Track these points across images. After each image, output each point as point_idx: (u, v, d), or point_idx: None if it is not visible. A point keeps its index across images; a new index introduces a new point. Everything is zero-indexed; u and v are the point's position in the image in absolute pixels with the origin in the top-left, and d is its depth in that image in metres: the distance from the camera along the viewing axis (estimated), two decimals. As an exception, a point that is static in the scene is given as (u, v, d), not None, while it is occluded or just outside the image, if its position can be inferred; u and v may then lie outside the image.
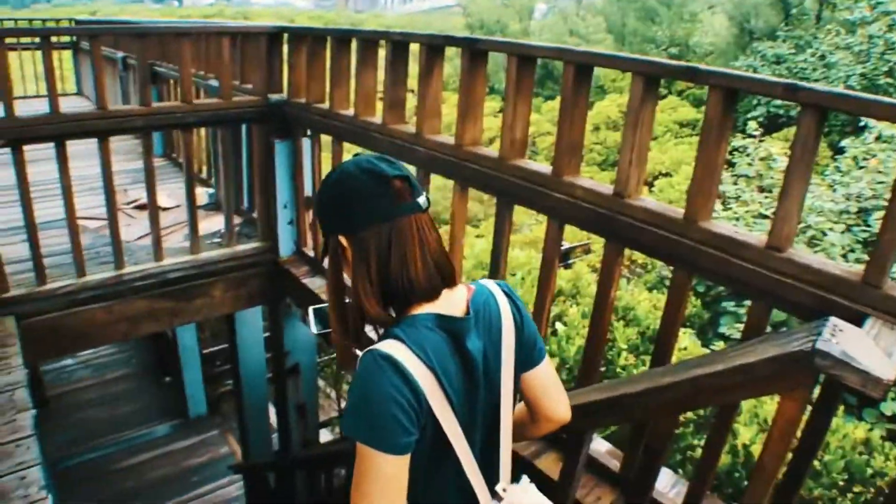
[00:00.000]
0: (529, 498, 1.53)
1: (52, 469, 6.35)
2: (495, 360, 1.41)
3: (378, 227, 1.29)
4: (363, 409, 1.26)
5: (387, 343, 1.28)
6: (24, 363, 3.03)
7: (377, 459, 1.24)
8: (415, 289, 1.32)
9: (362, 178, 1.30)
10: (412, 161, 2.95)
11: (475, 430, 1.41)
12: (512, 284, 4.14)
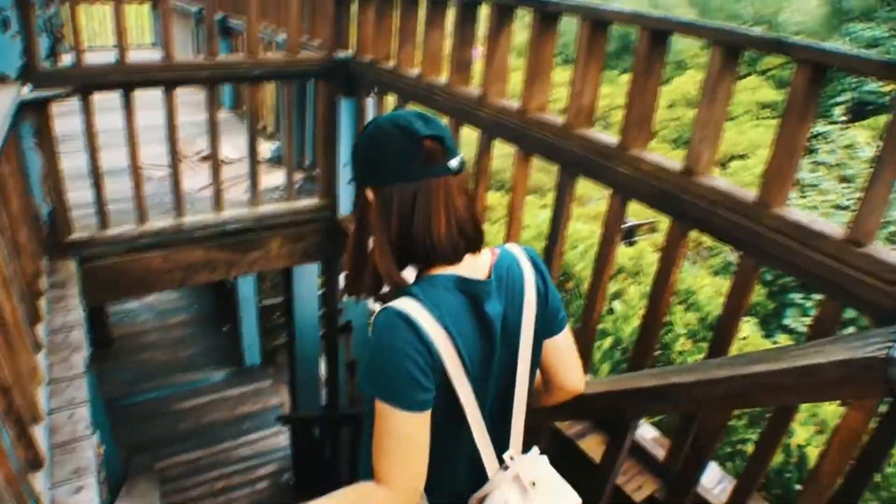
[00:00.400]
0: (538, 470, 1.49)
1: (112, 405, 6.61)
2: (515, 326, 1.39)
3: (404, 185, 1.28)
4: (380, 366, 1.26)
5: (402, 301, 1.26)
6: (82, 304, 3.10)
7: (396, 416, 1.24)
8: (437, 250, 1.29)
9: (395, 135, 1.27)
10: (475, 124, 2.87)
11: (487, 394, 1.39)
12: (572, 258, 4.07)
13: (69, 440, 2.26)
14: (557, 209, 2.54)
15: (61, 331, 2.82)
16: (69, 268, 3.35)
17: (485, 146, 2.88)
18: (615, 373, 3.38)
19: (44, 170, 3.23)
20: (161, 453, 6.16)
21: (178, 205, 3.82)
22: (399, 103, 3.47)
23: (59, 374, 2.56)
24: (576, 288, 3.96)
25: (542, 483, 1.48)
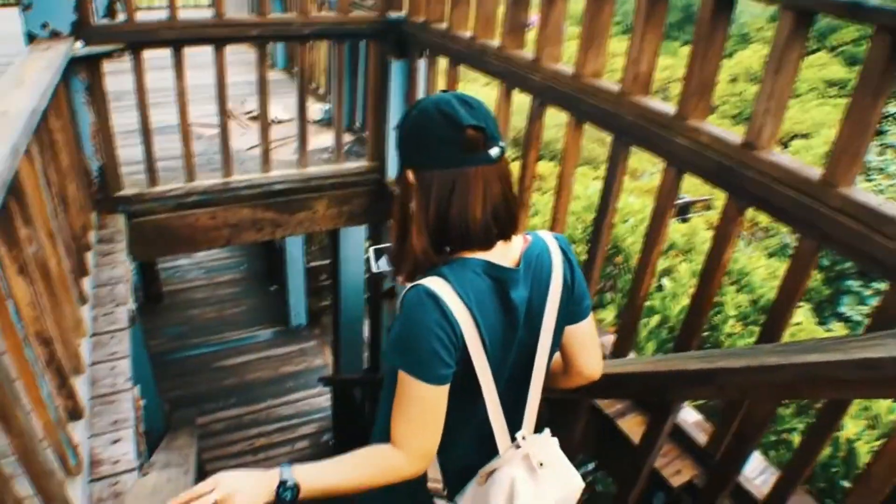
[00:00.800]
0: (548, 451, 1.55)
1: (160, 360, 6.78)
2: (538, 311, 1.44)
3: (444, 171, 1.31)
4: (406, 341, 1.32)
5: (431, 279, 1.31)
6: (129, 259, 3.14)
7: (419, 388, 1.31)
8: (470, 236, 1.34)
9: (438, 121, 1.29)
10: (527, 89, 2.77)
11: (504, 376, 1.45)
12: (623, 231, 3.96)
13: (109, 392, 2.29)
14: (609, 179, 2.44)
15: (107, 284, 2.86)
16: (118, 223, 3.39)
17: (536, 112, 2.79)
18: (661, 352, 3.29)
19: (94, 126, 3.25)
20: (205, 408, 6.32)
21: (227, 163, 3.82)
22: (451, 66, 3.38)
23: (103, 328, 2.59)
24: (625, 262, 3.86)
25: (550, 465, 1.53)
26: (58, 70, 2.51)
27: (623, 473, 2.28)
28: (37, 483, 1.53)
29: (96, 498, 1.88)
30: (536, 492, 1.48)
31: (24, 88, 2.05)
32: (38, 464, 1.51)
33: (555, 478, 1.54)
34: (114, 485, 1.93)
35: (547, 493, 1.50)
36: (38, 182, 2.08)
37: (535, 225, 4.36)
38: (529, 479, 1.48)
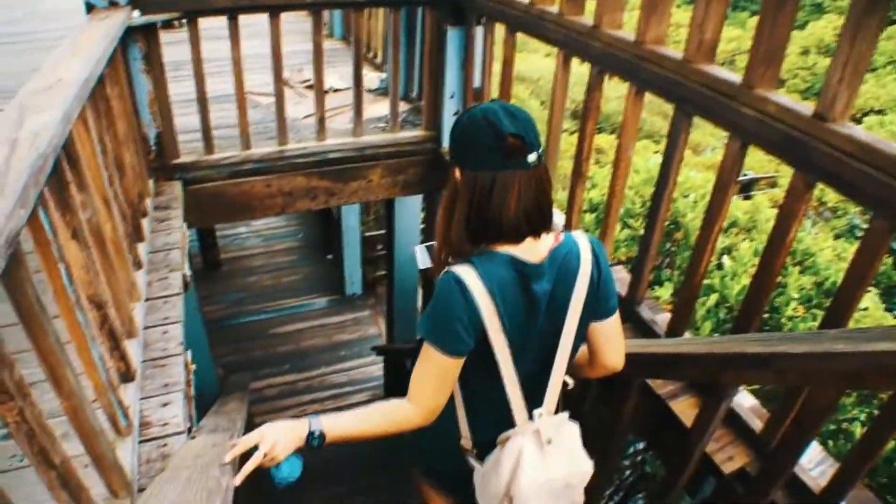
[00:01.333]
0: (560, 431, 1.71)
1: (217, 325, 6.94)
2: (562, 305, 1.59)
3: (485, 172, 1.47)
4: (434, 317, 1.53)
5: (462, 268, 1.50)
6: (185, 226, 3.18)
7: (436, 356, 1.53)
8: (502, 231, 1.51)
9: (483, 128, 1.45)
10: (586, 56, 2.68)
11: (526, 358, 1.62)
12: (682, 206, 3.83)
13: (161, 356, 2.33)
14: (669, 150, 2.34)
15: (162, 250, 2.90)
16: (174, 190, 3.44)
17: (595, 81, 2.69)
18: (718, 333, 3.17)
19: (151, 94, 3.29)
20: (260, 374, 6.45)
21: (282, 132, 3.83)
22: (508, 33, 3.30)
23: (157, 293, 2.63)
24: (684, 239, 3.73)
25: (559, 444, 1.70)
26: (114, 39, 2.53)
27: (673, 456, 2.22)
28: (86, 442, 1.56)
29: (145, 459, 1.92)
30: (541, 465, 1.66)
31: (79, 57, 2.07)
32: (88, 424, 1.54)
33: (562, 456, 1.70)
34: (162, 446, 1.96)
35: (551, 469, 1.67)
36: (93, 148, 2.10)
37: (592, 198, 4.27)
38: (537, 452, 1.67)
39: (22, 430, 1.21)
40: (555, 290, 1.57)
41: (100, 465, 1.62)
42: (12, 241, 1.17)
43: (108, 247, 2.10)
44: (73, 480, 1.37)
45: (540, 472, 1.66)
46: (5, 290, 1.23)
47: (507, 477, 1.67)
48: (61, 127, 1.60)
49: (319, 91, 3.79)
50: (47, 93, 1.74)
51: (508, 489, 1.67)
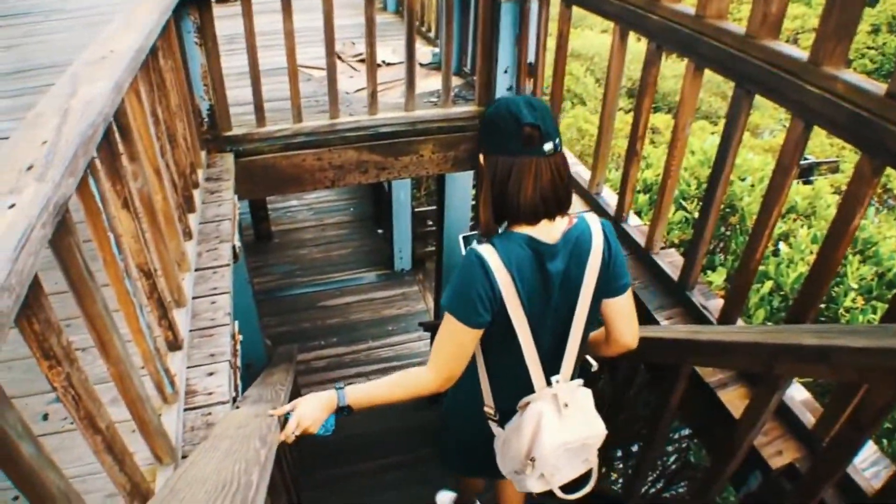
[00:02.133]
0: (575, 396, 1.85)
1: (267, 296, 7.04)
2: (575, 282, 1.72)
3: (505, 157, 1.62)
4: (456, 290, 1.67)
5: (484, 247, 1.64)
6: (236, 198, 3.21)
7: (457, 327, 1.67)
8: (520, 213, 1.65)
9: (505, 118, 1.60)
10: (643, 31, 2.59)
11: (544, 331, 1.77)
12: (739, 190, 3.71)
13: (208, 326, 2.36)
14: (728, 130, 2.26)
15: (213, 221, 2.94)
16: (226, 162, 3.48)
17: (653, 56, 2.61)
18: (771, 322, 3.07)
19: (205, 67, 3.31)
20: (308, 345, 6.53)
21: (334, 105, 3.83)
22: (564, 6, 3.22)
23: (206, 263, 2.67)
24: (740, 223, 3.62)
25: (575, 407, 1.84)
26: (167, 10, 2.54)
27: (719, 447, 2.16)
28: (132, 408, 1.59)
29: (189, 426, 1.95)
30: (560, 426, 1.80)
31: (133, 29, 2.08)
32: (134, 390, 1.56)
33: (578, 419, 1.84)
34: (206, 415, 1.99)
35: (569, 430, 1.81)
36: (145, 119, 2.12)
37: (646, 178, 4.16)
38: (556, 415, 1.81)
39: (69, 394, 1.23)
40: (568, 268, 1.70)
41: (145, 431, 1.65)
42: (61, 209, 1.18)
43: (159, 217, 2.13)
44: (118, 445, 1.39)
45: (559, 433, 1.80)
46: (55, 257, 1.25)
47: (529, 438, 1.80)
48: (112, 97, 1.62)
49: (372, 65, 3.76)
50: (100, 63, 1.76)
51: (530, 450, 1.81)
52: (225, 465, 1.12)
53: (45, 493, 1.05)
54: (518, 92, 4.02)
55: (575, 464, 1.91)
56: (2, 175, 1.17)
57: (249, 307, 3.92)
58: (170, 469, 1.76)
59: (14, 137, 1.34)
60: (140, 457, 1.62)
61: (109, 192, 1.69)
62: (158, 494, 1.06)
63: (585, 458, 1.92)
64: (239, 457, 1.18)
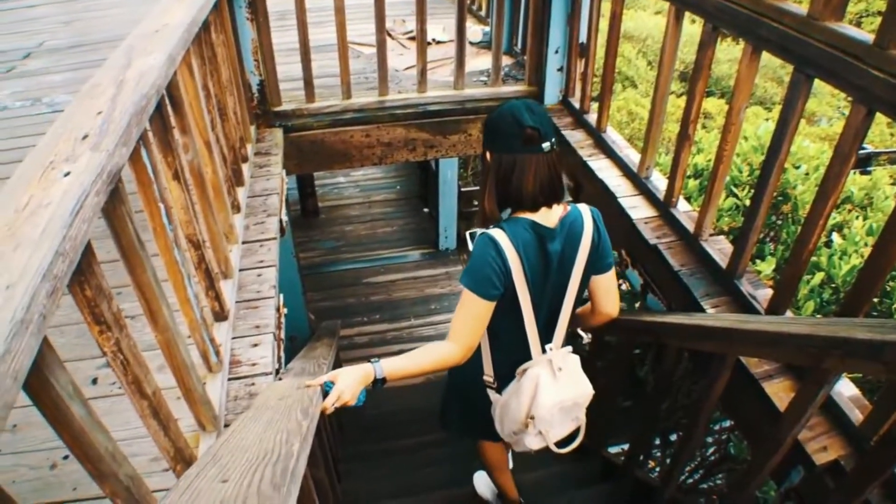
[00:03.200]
0: (567, 361, 2.13)
1: (312, 271, 7.12)
2: (570, 261, 2.00)
3: (509, 155, 1.86)
4: (473, 269, 1.90)
5: (495, 230, 1.90)
6: (284, 172, 3.25)
7: (474, 300, 1.90)
8: (522, 202, 1.91)
9: (508, 120, 1.84)
10: (699, 11, 2.53)
11: (543, 303, 2.04)
12: (793, 178, 3.60)
13: (254, 298, 2.40)
14: (785, 116, 2.18)
15: (261, 195, 2.98)
16: (275, 137, 3.52)
17: (708, 38, 2.54)
18: (820, 314, 2.99)
19: (255, 42, 3.34)
20: (351, 321, 6.59)
21: (383, 82, 3.83)
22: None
23: (254, 236, 2.71)
24: (792, 212, 3.52)
25: (567, 371, 2.12)
26: (220, -16, 2.57)
27: (761, 440, 2.12)
28: (178, 375, 1.62)
29: (233, 396, 1.99)
30: (555, 387, 2.07)
31: (184, 3, 2.11)
32: (180, 358, 1.60)
33: (570, 381, 2.13)
34: (250, 385, 2.03)
35: (562, 391, 2.09)
36: (196, 92, 2.15)
37: (697, 163, 4.08)
38: (551, 377, 2.08)
39: (118, 359, 1.27)
40: (563, 249, 1.97)
41: (189, 398, 1.69)
42: (114, 178, 1.21)
43: (208, 189, 2.17)
44: (164, 410, 1.43)
45: (554, 393, 2.07)
46: (107, 225, 1.28)
47: (528, 400, 2.07)
48: (165, 69, 1.64)
49: (422, 42, 3.75)
50: (154, 36, 1.79)
51: (530, 409, 2.08)
52: (267, 435, 1.14)
53: (94, 454, 1.09)
54: (569, 72, 3.97)
55: (566, 421, 2.19)
56: (58, 143, 1.20)
57: (294, 281, 3.98)
58: (212, 436, 1.81)
59: (70, 107, 1.37)
60: (184, 423, 1.66)
61: (161, 163, 1.72)
62: (201, 460, 1.08)
63: (575, 416, 2.20)
64: (281, 427, 1.20)
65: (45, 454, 1.91)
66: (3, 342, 0.77)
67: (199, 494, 0.90)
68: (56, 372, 0.97)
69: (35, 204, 1.01)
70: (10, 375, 0.77)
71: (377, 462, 3.98)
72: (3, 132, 3.95)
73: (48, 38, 5.78)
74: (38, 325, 0.84)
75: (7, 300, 0.82)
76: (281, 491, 0.88)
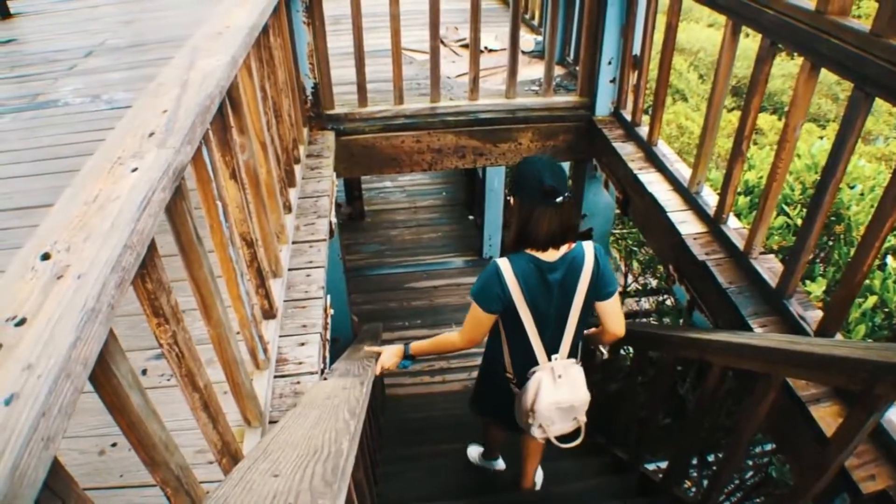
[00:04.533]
0: (568, 371, 2.54)
1: (356, 274, 7.17)
2: (571, 289, 2.42)
3: (527, 204, 2.29)
4: (480, 287, 2.40)
5: (502, 259, 2.37)
6: (335, 175, 3.29)
7: (476, 309, 2.42)
8: (532, 243, 2.34)
9: (532, 177, 2.29)
10: (757, 25, 2.50)
11: (548, 323, 2.48)
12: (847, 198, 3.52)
13: (302, 298, 2.44)
14: (842, 134, 2.14)
15: (312, 197, 3.03)
16: (327, 140, 3.57)
17: (766, 53, 2.51)
18: (871, 339, 2.91)
19: (311, 46, 3.40)
20: (392, 325, 6.63)
21: (435, 89, 3.86)
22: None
23: (303, 237, 2.76)
24: (845, 233, 3.44)
25: (566, 378, 2.52)
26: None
27: (806, 465, 2.08)
28: (227, 370, 1.66)
29: (278, 393, 2.03)
30: (554, 391, 2.49)
31: (247, 6, 2.16)
32: (230, 353, 1.64)
33: (568, 388, 2.53)
34: (295, 384, 2.07)
35: (559, 394, 2.50)
36: (255, 94, 2.20)
37: (748, 180, 4.02)
38: (551, 382, 2.50)
39: (173, 351, 1.30)
40: (564, 279, 2.39)
41: (237, 393, 1.73)
42: (178, 175, 1.25)
43: (262, 189, 2.21)
44: (214, 404, 1.46)
45: (552, 395, 2.49)
46: (168, 221, 1.32)
47: (531, 397, 2.51)
48: (228, 70, 1.69)
49: (475, 50, 3.77)
50: (217, 38, 1.84)
51: (532, 406, 2.52)
52: (315, 433, 1.17)
53: (148, 441, 1.12)
54: (621, 84, 3.95)
55: (566, 421, 2.59)
56: (125, 139, 1.25)
57: (340, 283, 4.02)
58: (256, 432, 1.84)
59: (137, 105, 1.42)
60: (230, 418, 1.70)
61: (219, 161, 1.77)
62: (252, 453, 1.11)
63: (574, 418, 2.61)
64: (329, 426, 1.23)
65: (95, 440, 1.96)
66: (75, 329, 0.80)
67: (251, 487, 0.92)
68: (118, 361, 1.00)
69: (104, 197, 1.05)
70: (80, 362, 0.81)
71: (418, 464, 4.00)
72: (64, 127, 4.09)
73: (109, 37, 5.96)
74: (106, 314, 0.88)
75: (78, 289, 0.86)
76: (333, 488, 0.90)
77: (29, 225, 2.97)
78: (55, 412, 0.74)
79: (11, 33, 6.37)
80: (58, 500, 0.82)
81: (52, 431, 0.73)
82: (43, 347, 0.77)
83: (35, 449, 0.69)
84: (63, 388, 0.76)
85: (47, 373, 0.75)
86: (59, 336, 0.79)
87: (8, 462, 0.65)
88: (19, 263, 0.90)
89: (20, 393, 0.72)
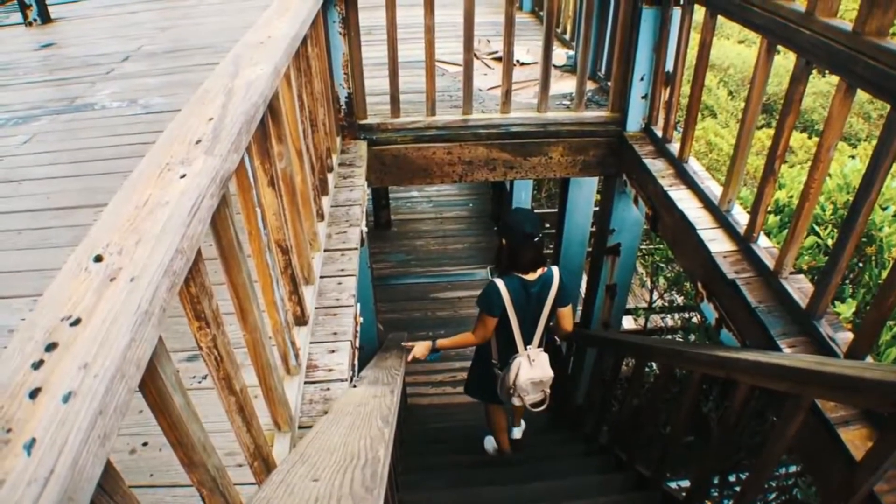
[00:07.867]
0: (539, 357, 3.66)
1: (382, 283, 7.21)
2: (543, 299, 3.54)
3: (514, 244, 3.41)
4: (485, 298, 3.49)
5: (498, 279, 3.48)
6: (366, 184, 3.33)
7: (486, 316, 3.51)
8: (519, 267, 3.46)
9: (518, 223, 3.40)
10: (792, 45, 2.49)
11: (527, 321, 3.57)
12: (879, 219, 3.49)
13: (333, 305, 2.47)
14: (878, 155, 2.12)
15: (344, 205, 3.06)
16: (359, 149, 3.62)
17: (801, 73, 2.50)
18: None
19: (346, 56, 3.45)
20: (416, 334, 6.63)
21: (467, 101, 3.89)
22: (708, 16, 3.14)
23: (335, 245, 2.79)
24: (877, 254, 3.40)
25: (537, 362, 3.65)
26: (317, 1, 2.67)
27: (833, 488, 2.06)
28: (260, 375, 1.69)
29: (308, 399, 2.05)
30: (530, 371, 3.59)
31: (287, 16, 2.20)
32: (264, 358, 1.66)
33: (539, 368, 3.64)
34: (325, 390, 2.09)
35: (534, 373, 3.60)
36: (293, 103, 2.24)
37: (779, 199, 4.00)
38: (528, 364, 3.61)
39: (212, 355, 1.33)
40: (539, 293, 3.51)
41: (269, 398, 1.75)
42: (225, 183, 1.28)
43: (297, 197, 2.25)
44: (249, 408, 1.49)
45: (528, 373, 3.59)
46: (210, 226, 1.35)
47: (513, 376, 3.60)
48: (270, 80, 1.72)
49: (508, 63, 3.80)
50: (259, 48, 1.88)
51: (513, 382, 3.60)
52: (350, 440, 1.19)
53: (188, 442, 1.15)
54: (653, 100, 3.96)
55: (537, 392, 3.71)
56: (172, 145, 1.28)
57: (367, 291, 4.06)
58: (286, 436, 1.86)
59: (183, 112, 1.45)
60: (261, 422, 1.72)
61: (259, 169, 1.80)
62: (290, 457, 1.13)
63: (542, 390, 3.73)
64: (363, 433, 1.25)
65: (127, 439, 1.99)
66: (129, 331, 0.83)
67: (292, 490, 0.94)
68: (164, 362, 1.03)
69: (154, 202, 1.08)
70: (133, 363, 0.83)
71: (439, 474, 4.01)
72: (102, 130, 4.17)
73: (146, 42, 6.08)
74: (158, 317, 0.91)
75: (131, 291, 0.88)
76: (373, 493, 0.92)
77: (67, 225, 3.04)
78: (111, 411, 0.76)
79: (52, 37, 6.52)
80: (106, 496, 0.84)
81: (107, 429, 0.75)
82: (98, 347, 0.79)
83: (93, 446, 0.71)
84: (118, 388, 0.79)
85: (103, 372, 0.77)
86: (113, 337, 0.81)
87: (68, 457, 0.67)
88: (72, 265, 0.93)
89: (77, 391, 0.74)
